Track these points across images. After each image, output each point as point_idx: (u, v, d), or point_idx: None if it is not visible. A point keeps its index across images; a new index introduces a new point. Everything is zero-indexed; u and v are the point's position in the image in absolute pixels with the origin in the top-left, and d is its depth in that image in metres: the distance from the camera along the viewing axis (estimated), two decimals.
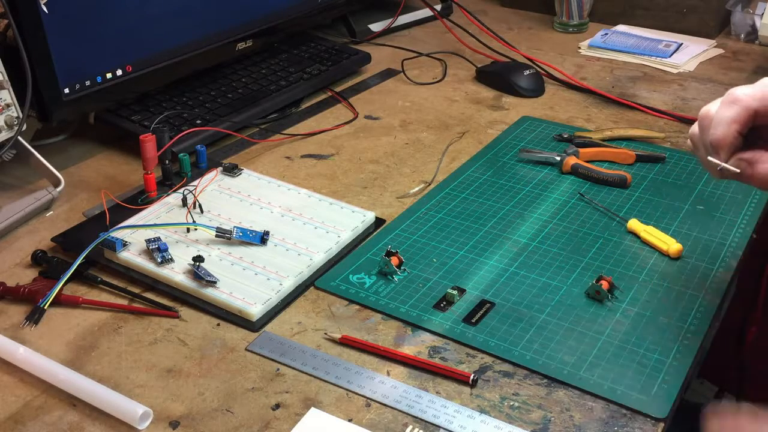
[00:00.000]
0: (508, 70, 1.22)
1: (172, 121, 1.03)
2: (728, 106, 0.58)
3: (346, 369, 0.66)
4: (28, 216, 0.87)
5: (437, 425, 0.61)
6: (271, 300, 0.73)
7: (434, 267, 0.79)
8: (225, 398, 0.64)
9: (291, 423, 0.61)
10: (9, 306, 0.74)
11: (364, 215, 0.86)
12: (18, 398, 0.64)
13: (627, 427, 0.61)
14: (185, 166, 0.92)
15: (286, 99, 1.13)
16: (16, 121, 0.85)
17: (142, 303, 0.74)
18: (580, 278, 0.78)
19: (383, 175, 0.97)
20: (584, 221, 0.87)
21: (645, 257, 0.81)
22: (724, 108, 0.58)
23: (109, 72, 0.98)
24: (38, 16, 0.87)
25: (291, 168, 0.99)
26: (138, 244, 0.79)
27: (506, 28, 1.49)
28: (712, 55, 1.36)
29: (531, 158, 0.99)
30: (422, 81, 1.25)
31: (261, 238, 0.80)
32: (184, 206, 0.86)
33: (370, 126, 1.10)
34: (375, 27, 1.42)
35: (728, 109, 0.58)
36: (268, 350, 0.68)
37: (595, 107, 1.16)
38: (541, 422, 0.61)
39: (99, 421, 0.62)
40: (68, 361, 0.67)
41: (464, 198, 0.92)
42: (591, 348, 0.69)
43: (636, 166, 0.98)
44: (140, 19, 1.00)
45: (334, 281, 0.77)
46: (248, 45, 1.17)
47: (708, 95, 1.20)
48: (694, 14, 1.42)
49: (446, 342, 0.70)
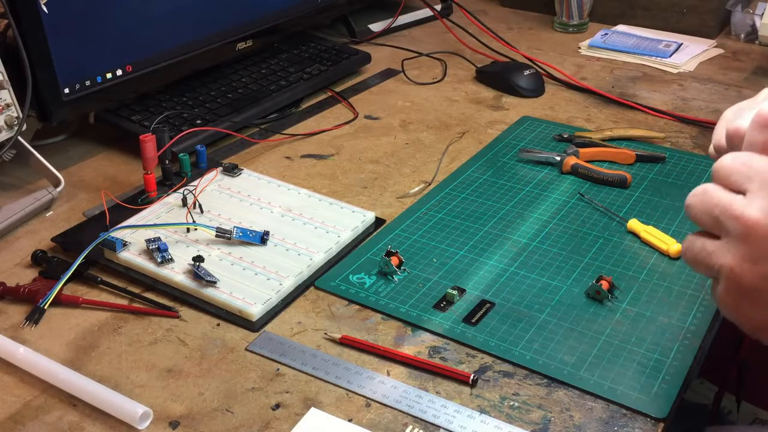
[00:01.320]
0: (508, 70, 1.22)
1: (172, 121, 1.03)
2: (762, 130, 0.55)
3: (346, 369, 0.66)
4: (28, 216, 0.87)
5: (437, 425, 0.61)
6: (271, 300, 0.73)
7: (434, 267, 0.79)
8: (225, 398, 0.64)
9: (291, 423, 0.61)
10: (9, 306, 0.74)
11: (364, 215, 0.86)
12: (18, 398, 0.64)
13: (627, 427, 0.61)
14: (185, 166, 0.92)
15: (286, 99, 1.13)
16: (16, 121, 0.85)
17: (142, 303, 0.74)
18: (580, 278, 0.78)
19: (383, 175, 0.97)
20: (584, 221, 0.87)
21: (645, 257, 0.81)
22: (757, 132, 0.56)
23: (109, 72, 0.98)
24: (38, 16, 0.87)
25: (291, 168, 0.99)
26: (138, 244, 0.79)
27: (506, 28, 1.49)
28: (712, 55, 1.36)
29: (531, 158, 0.99)
30: (422, 81, 1.25)
31: (261, 238, 0.80)
32: (184, 206, 0.86)
33: (370, 126, 1.10)
34: (375, 27, 1.42)
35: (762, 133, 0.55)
36: (268, 350, 0.68)
37: (595, 107, 1.16)
38: (541, 422, 0.61)
39: (99, 421, 0.62)
40: (68, 361, 0.67)
41: (464, 198, 0.92)
42: (591, 348, 0.69)
43: (636, 166, 0.98)
44: (140, 19, 1.00)
45: (334, 281, 0.77)
46: (248, 45, 1.17)
47: (708, 95, 1.20)
48: (694, 14, 1.42)
49: (446, 342, 0.70)
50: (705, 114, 1.13)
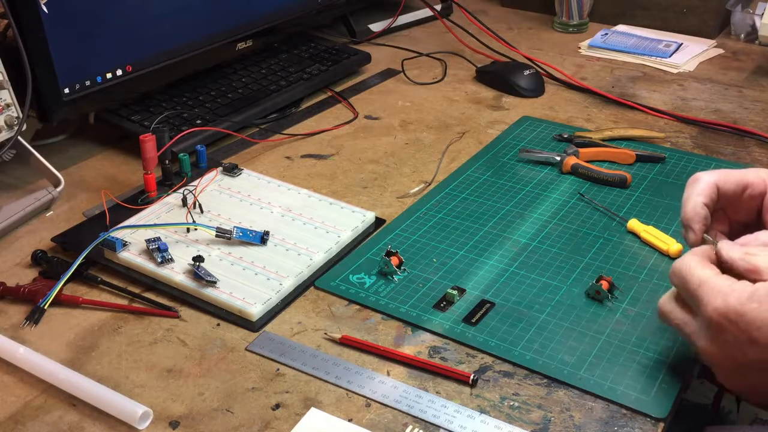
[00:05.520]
0: (508, 70, 1.22)
1: (172, 121, 1.03)
2: (691, 185, 0.65)
3: (346, 369, 0.66)
4: (28, 216, 0.87)
5: (437, 425, 0.61)
6: (271, 300, 0.73)
7: (434, 267, 0.79)
8: (225, 398, 0.64)
9: (291, 423, 0.61)
10: (9, 306, 0.74)
11: (364, 215, 0.86)
12: (18, 398, 0.64)
13: (627, 427, 0.61)
14: (185, 166, 0.92)
15: (286, 99, 1.13)
16: (16, 121, 0.85)
17: (142, 303, 0.74)
18: (580, 278, 0.78)
19: (383, 175, 0.97)
20: (584, 221, 0.87)
21: (645, 257, 0.81)
22: (688, 187, 0.65)
23: (109, 72, 0.98)
24: (38, 16, 0.87)
25: (291, 168, 0.99)
26: (138, 244, 0.79)
27: (506, 28, 1.49)
28: (712, 55, 1.36)
29: (531, 158, 0.99)
30: (422, 81, 1.25)
31: (261, 238, 0.80)
32: (184, 206, 0.86)
33: (370, 126, 1.10)
34: (375, 27, 1.42)
35: (691, 186, 0.65)
36: (268, 350, 0.68)
37: (595, 107, 1.16)
38: (541, 422, 0.61)
39: (99, 421, 0.62)
40: (68, 361, 0.67)
41: (464, 198, 0.92)
42: (591, 348, 0.69)
43: (636, 166, 0.98)
44: (140, 19, 1.00)
45: (334, 281, 0.77)
46: (248, 45, 1.17)
47: (708, 95, 1.20)
48: (694, 14, 1.42)
49: (446, 342, 0.70)
50: (705, 114, 1.13)
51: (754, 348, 0.54)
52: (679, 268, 0.60)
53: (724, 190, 0.64)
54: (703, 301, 0.57)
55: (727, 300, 0.55)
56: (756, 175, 0.64)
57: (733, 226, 0.66)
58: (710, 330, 0.57)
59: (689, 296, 0.59)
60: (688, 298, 0.59)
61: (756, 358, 0.55)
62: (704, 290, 0.57)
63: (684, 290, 0.60)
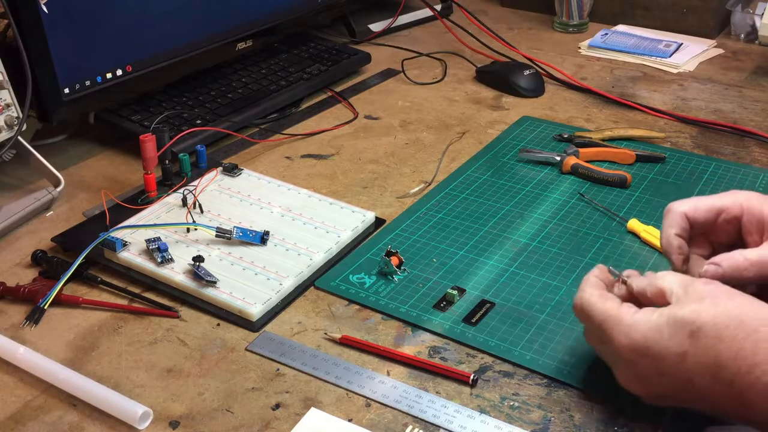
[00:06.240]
0: (508, 70, 1.22)
1: (172, 121, 1.03)
2: (665, 216, 0.66)
3: (346, 369, 0.66)
4: (28, 216, 0.87)
5: (437, 425, 0.61)
6: (271, 300, 0.73)
7: (434, 267, 0.79)
8: (225, 398, 0.64)
9: (291, 423, 0.61)
10: (9, 306, 0.74)
11: (364, 215, 0.86)
12: (18, 398, 0.64)
13: (626, 427, 0.61)
14: (185, 166, 0.92)
15: (286, 99, 1.13)
16: (16, 121, 0.85)
17: (142, 303, 0.74)
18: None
19: (383, 175, 0.97)
20: (584, 221, 0.87)
21: (645, 257, 0.81)
22: (663, 218, 0.66)
23: (109, 72, 0.98)
24: (38, 16, 0.87)
25: (291, 168, 0.99)
26: (138, 244, 0.79)
27: (506, 28, 1.49)
28: (712, 55, 1.36)
29: (531, 158, 0.99)
30: (422, 81, 1.25)
31: (261, 238, 0.80)
32: (184, 206, 0.86)
33: (370, 126, 1.10)
34: (375, 27, 1.42)
35: (664, 218, 0.66)
36: (268, 350, 0.68)
37: (595, 107, 1.16)
38: (541, 422, 0.61)
39: (99, 421, 0.62)
40: (68, 361, 0.67)
41: (464, 198, 0.92)
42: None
43: (636, 166, 0.98)
44: (140, 19, 1.00)
45: (334, 281, 0.77)
46: (248, 45, 1.17)
47: (708, 95, 1.20)
48: (694, 14, 1.42)
49: (446, 342, 0.70)
50: (705, 114, 1.13)
51: (664, 379, 0.56)
52: (580, 304, 0.61)
53: (694, 219, 0.65)
54: (608, 337, 0.58)
55: (630, 335, 0.56)
56: (731, 199, 0.65)
57: (716, 248, 0.66)
58: (623, 363, 0.58)
59: (595, 332, 0.60)
60: (595, 333, 0.60)
61: (669, 386, 0.56)
62: (608, 325, 0.58)
63: (589, 326, 0.61)
